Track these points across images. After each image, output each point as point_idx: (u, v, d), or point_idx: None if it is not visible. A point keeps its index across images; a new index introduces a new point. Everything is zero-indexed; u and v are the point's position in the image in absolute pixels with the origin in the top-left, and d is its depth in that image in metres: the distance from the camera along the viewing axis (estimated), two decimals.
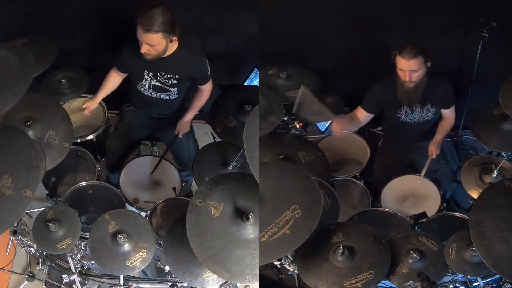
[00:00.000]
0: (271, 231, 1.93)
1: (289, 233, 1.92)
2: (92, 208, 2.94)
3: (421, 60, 2.70)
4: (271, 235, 1.92)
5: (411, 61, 2.68)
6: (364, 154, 3.27)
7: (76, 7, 3.18)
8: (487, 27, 3.02)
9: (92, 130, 3.20)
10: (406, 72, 2.73)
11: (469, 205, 3.01)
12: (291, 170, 2.15)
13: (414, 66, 2.70)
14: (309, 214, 1.95)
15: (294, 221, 1.94)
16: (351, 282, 2.14)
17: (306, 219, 1.94)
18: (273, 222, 1.94)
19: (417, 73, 2.73)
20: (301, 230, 1.92)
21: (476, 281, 2.27)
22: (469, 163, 2.99)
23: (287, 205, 1.97)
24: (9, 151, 1.94)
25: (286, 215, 1.95)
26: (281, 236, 1.92)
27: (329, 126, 3.72)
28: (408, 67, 2.71)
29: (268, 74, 3.14)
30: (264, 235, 1.92)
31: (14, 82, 2.08)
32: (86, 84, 3.15)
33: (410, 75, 2.73)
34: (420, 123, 3.01)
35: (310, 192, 2.01)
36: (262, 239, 1.92)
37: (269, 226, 1.93)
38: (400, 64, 2.73)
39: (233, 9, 3.26)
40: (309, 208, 1.96)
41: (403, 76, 2.76)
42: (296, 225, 1.93)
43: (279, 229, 1.93)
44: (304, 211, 1.95)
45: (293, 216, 1.95)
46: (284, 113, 3.04)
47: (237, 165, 2.74)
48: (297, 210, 1.95)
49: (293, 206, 1.96)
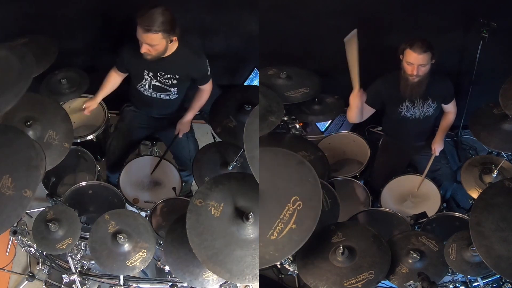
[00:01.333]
0: (278, 228, 1.93)
1: (295, 227, 1.92)
2: (92, 208, 2.94)
3: (429, 56, 2.75)
4: (279, 231, 1.92)
5: (421, 55, 2.72)
6: (364, 154, 3.27)
7: (76, 7, 3.17)
8: (487, 27, 3.02)
9: (92, 130, 3.20)
10: (414, 66, 2.76)
11: (469, 205, 3.01)
12: (283, 155, 2.12)
13: (423, 61, 2.74)
14: (310, 204, 1.95)
15: (297, 214, 1.94)
16: (351, 282, 2.14)
17: (308, 210, 1.94)
18: (278, 218, 1.94)
19: (424, 68, 2.78)
20: (305, 222, 1.92)
21: (476, 281, 2.27)
22: (469, 163, 3.00)
23: (287, 198, 1.97)
24: (9, 151, 1.94)
25: (288, 208, 1.95)
26: (288, 231, 1.92)
27: (329, 126, 3.73)
28: (417, 61, 2.74)
29: (268, 74, 3.14)
30: (273, 233, 1.92)
31: (14, 82, 2.08)
32: (86, 84, 3.15)
33: (417, 69, 2.77)
34: (421, 118, 3.03)
35: (307, 179, 2.00)
36: (272, 237, 1.92)
37: (275, 223, 1.93)
38: (410, 57, 2.76)
39: (233, 9, 3.26)
40: (309, 197, 1.96)
41: (410, 70, 2.79)
42: (300, 218, 1.93)
43: (285, 224, 1.93)
44: (304, 201, 1.96)
45: (295, 209, 1.95)
46: (284, 113, 3.05)
47: (237, 165, 2.74)
48: (298, 202, 1.96)
49: (293, 197, 1.96)
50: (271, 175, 2.04)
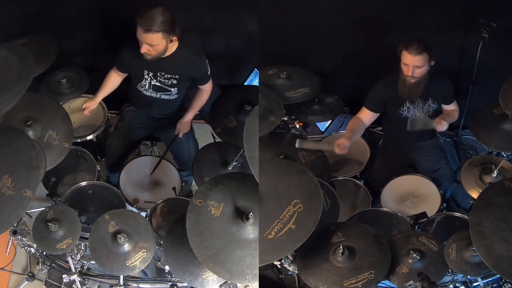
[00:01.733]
0: (277, 227, 1.94)
1: (295, 227, 1.93)
2: (92, 208, 2.94)
3: (425, 58, 2.73)
4: (277, 231, 1.94)
5: (416, 57, 2.72)
6: (364, 154, 3.27)
7: (76, 7, 3.18)
8: (487, 27, 3.02)
9: (92, 130, 3.20)
10: (409, 67, 2.77)
11: (469, 205, 3.01)
12: (286, 165, 2.17)
13: (418, 62, 2.74)
14: (310, 207, 1.97)
15: (298, 216, 1.95)
16: (351, 282, 2.14)
17: (308, 212, 1.96)
18: (277, 219, 1.95)
19: (420, 70, 2.77)
20: (305, 223, 1.94)
21: (476, 281, 2.27)
22: (469, 163, 2.99)
23: (288, 201, 1.99)
24: (9, 151, 1.94)
25: (288, 210, 1.97)
26: (287, 231, 1.93)
27: (329, 126, 3.73)
28: (412, 62, 2.74)
29: (268, 74, 3.14)
30: (271, 232, 1.94)
31: (14, 82, 2.08)
32: (86, 84, 3.15)
33: (413, 71, 2.77)
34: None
35: (308, 186, 2.03)
36: (270, 236, 1.93)
37: (274, 223, 1.95)
38: (405, 58, 2.76)
39: (233, 9, 3.26)
40: (310, 200, 1.98)
41: (406, 70, 2.79)
42: (300, 219, 1.94)
43: (284, 224, 1.94)
44: (305, 204, 1.97)
45: (296, 211, 1.96)
46: (284, 113, 3.04)
47: (237, 165, 2.74)
48: (299, 204, 1.97)
49: (294, 200, 1.98)
50: (273, 181, 2.06)
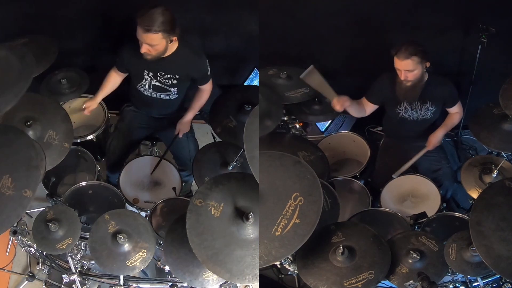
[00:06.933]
0: (282, 223, 1.94)
1: (299, 222, 1.93)
2: (92, 208, 2.94)
3: (416, 61, 2.74)
4: (283, 227, 1.93)
5: (404, 61, 2.74)
6: (364, 154, 3.27)
7: (76, 7, 3.18)
8: (486, 32, 3.02)
9: (92, 130, 3.20)
10: (401, 72, 2.80)
11: (469, 205, 3.01)
12: (279, 157, 2.13)
13: (408, 66, 2.75)
14: (311, 199, 1.96)
15: (300, 209, 1.95)
16: (351, 282, 2.14)
17: (310, 204, 1.95)
18: (281, 214, 1.95)
19: (413, 73, 2.78)
20: (309, 216, 1.93)
21: (476, 281, 2.27)
22: (469, 163, 3.00)
23: (288, 195, 1.98)
24: (9, 151, 1.94)
25: (290, 204, 1.96)
26: (293, 226, 1.93)
27: (329, 126, 3.73)
28: (402, 66, 2.77)
29: (268, 74, 3.14)
30: (277, 229, 1.93)
31: (14, 82, 2.08)
32: (86, 84, 3.14)
33: (405, 74, 2.79)
34: (419, 121, 3.03)
35: (305, 177, 2.02)
36: (277, 233, 1.93)
37: (279, 219, 1.94)
38: (396, 63, 2.79)
39: (233, 9, 3.26)
40: (310, 192, 1.98)
41: (400, 75, 2.82)
42: (303, 212, 1.94)
43: (288, 220, 1.94)
44: (305, 196, 1.97)
45: (297, 204, 1.96)
46: (284, 113, 3.04)
47: (237, 165, 2.74)
48: (299, 197, 1.97)
49: (294, 194, 1.98)
50: (269, 176, 2.05)
